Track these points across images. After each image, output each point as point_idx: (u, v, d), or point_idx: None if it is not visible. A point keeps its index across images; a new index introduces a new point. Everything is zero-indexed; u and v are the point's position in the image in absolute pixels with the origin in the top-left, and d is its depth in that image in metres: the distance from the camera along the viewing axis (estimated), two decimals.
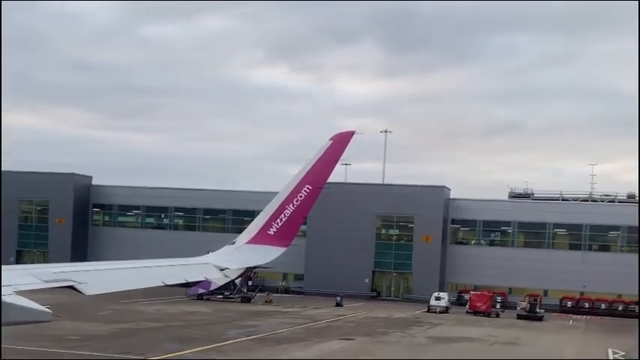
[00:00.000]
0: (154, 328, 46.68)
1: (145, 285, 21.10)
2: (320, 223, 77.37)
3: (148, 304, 62.26)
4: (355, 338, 46.08)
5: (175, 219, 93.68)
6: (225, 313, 58.61)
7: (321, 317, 59.13)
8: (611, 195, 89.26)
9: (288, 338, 44.97)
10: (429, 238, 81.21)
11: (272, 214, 26.07)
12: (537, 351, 44.83)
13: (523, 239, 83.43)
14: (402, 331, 51.50)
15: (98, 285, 19.73)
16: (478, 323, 60.49)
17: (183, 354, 35.80)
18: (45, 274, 16.41)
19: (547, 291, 78.18)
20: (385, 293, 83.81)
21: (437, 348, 43.54)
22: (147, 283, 21.48)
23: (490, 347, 45.75)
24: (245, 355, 36.17)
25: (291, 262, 73.46)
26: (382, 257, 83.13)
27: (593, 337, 54.65)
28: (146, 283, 21.36)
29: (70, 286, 14.58)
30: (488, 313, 68.02)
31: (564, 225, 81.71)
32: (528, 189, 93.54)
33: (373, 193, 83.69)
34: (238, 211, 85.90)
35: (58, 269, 17.47)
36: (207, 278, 35.55)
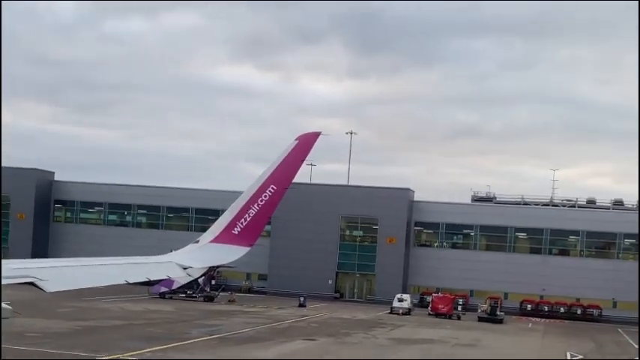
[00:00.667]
0: (116, 326, 46.30)
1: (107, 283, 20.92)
2: (284, 223, 77.43)
3: (110, 302, 61.73)
4: (318, 339, 46.21)
5: (138, 216, 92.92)
6: (187, 312, 58.33)
7: (284, 317, 59.16)
8: (571, 200, 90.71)
9: (251, 338, 44.93)
10: (392, 239, 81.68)
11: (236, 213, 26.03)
12: (497, 353, 45.38)
13: (485, 242, 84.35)
14: (364, 332, 51.77)
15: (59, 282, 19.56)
16: (440, 325, 61.05)
17: (145, 352, 35.58)
18: (5, 270, 16.23)
19: (507, 294, 79.23)
20: (348, 294, 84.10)
21: (399, 349, 43.85)
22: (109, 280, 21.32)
23: (451, 349, 46.22)
24: (208, 355, 36.06)
25: (255, 262, 73.52)
26: (346, 258, 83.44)
27: (551, 340, 55.49)
28: (108, 281, 21.20)
29: (30, 282, 14.47)
30: (449, 315, 68.63)
31: (525, 229, 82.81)
32: (491, 193, 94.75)
33: (338, 194, 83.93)
34: (202, 210, 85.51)
35: (18, 265, 17.31)
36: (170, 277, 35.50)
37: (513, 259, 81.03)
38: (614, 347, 53.73)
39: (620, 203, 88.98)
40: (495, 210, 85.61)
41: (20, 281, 16.21)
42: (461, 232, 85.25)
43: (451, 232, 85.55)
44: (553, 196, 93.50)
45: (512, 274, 79.22)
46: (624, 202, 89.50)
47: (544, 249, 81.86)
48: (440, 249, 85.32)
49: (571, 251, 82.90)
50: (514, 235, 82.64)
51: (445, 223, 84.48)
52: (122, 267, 24.07)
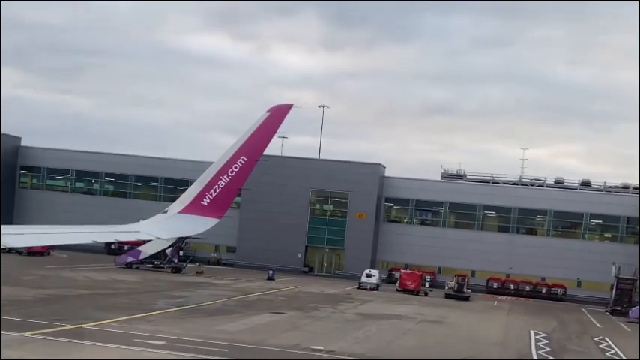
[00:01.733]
0: (81, 295, 45.73)
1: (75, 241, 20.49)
2: (254, 195, 76.89)
3: (75, 271, 61.06)
4: (286, 312, 46.10)
5: (106, 185, 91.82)
6: (154, 283, 57.86)
7: (252, 290, 58.96)
8: (540, 180, 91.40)
9: (218, 310, 44.66)
10: (362, 215, 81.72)
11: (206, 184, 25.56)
12: (462, 330, 45.66)
13: (454, 220, 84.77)
14: (332, 307, 51.78)
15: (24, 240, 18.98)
16: (407, 301, 61.31)
17: (109, 322, 35.13)
18: None
19: (475, 271, 79.90)
20: (317, 268, 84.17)
21: (366, 324, 43.89)
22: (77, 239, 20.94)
23: (417, 325, 46.40)
24: (174, 327, 35.70)
25: (224, 234, 73.15)
26: (315, 232, 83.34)
27: (516, 318, 56.02)
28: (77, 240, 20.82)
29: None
30: (417, 291, 68.96)
31: (494, 207, 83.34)
32: (461, 170, 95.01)
33: (309, 167, 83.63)
34: (171, 180, 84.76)
35: None
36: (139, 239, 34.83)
37: (481, 237, 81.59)
38: (577, 326, 54.38)
39: (588, 184, 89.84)
40: (465, 188, 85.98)
41: None
42: (430, 209, 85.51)
43: (421, 209, 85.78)
44: (522, 176, 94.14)
45: (479, 252, 79.86)
46: (592, 182, 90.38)
47: (512, 228, 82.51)
48: (409, 225, 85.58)
49: (538, 230, 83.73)
50: (483, 213, 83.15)
51: (415, 199, 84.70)
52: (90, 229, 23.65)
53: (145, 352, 28.55)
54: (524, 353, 38.16)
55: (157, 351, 28.93)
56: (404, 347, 36.28)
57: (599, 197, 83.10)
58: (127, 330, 33.47)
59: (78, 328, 32.82)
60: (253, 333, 36.18)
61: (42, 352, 26.92)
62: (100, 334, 31.47)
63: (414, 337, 40.51)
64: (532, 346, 40.76)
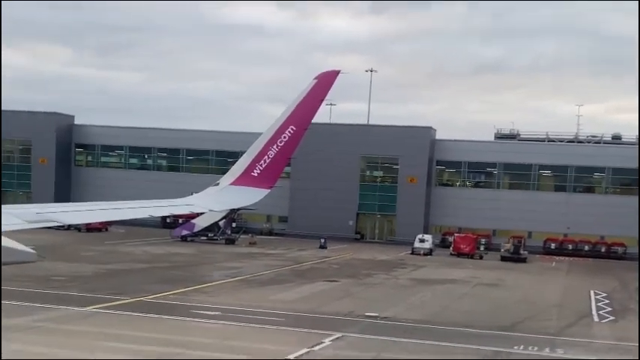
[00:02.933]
0: (139, 269, 46.49)
1: (131, 216, 20.73)
2: (304, 164, 76.95)
3: (132, 246, 62.13)
4: (339, 280, 46.12)
5: (159, 160, 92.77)
6: (209, 255, 58.50)
7: (305, 259, 59.17)
8: (596, 136, 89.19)
9: (272, 280, 44.92)
10: (413, 179, 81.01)
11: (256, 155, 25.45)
12: (519, 292, 45.06)
13: (508, 181, 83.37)
14: (386, 273, 51.63)
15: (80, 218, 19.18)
16: (461, 265, 60.78)
17: (167, 295, 35.62)
18: (28, 214, 15.88)
19: (531, 233, 78.59)
20: (369, 235, 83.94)
21: (420, 290, 43.65)
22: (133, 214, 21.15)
23: (473, 289, 45.95)
24: (229, 297, 36.01)
25: (275, 204, 73.18)
26: (366, 199, 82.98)
27: (575, 279, 55.08)
28: (133, 215, 21.04)
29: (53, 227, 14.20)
30: (471, 255, 68.29)
31: (549, 166, 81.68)
32: (515, 130, 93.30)
33: (358, 133, 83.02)
34: (222, 152, 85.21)
35: (41, 209, 16.97)
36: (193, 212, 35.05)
37: (537, 197, 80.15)
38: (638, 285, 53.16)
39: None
40: (519, 147, 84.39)
41: (44, 225, 15.92)
42: (483, 171, 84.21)
43: (473, 171, 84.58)
44: (578, 133, 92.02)
45: (535, 213, 78.44)
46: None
47: (568, 186, 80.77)
48: (462, 188, 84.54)
49: (596, 188, 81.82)
50: (538, 172, 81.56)
51: (467, 161, 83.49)
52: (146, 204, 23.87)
53: (205, 323, 28.84)
54: (584, 314, 37.47)
55: (214, 321, 29.20)
56: (460, 311, 35.95)
57: None
58: (185, 302, 33.91)
59: (137, 301, 33.38)
60: (307, 301, 36.29)
61: (104, 326, 27.39)
62: (159, 307, 31.93)
63: (469, 301, 40.12)
64: (592, 307, 40.02)
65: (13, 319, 27.30)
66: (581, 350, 27.86)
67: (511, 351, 26.58)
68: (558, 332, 31.49)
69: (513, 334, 30.32)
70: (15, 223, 14.66)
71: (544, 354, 26.51)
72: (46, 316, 28.57)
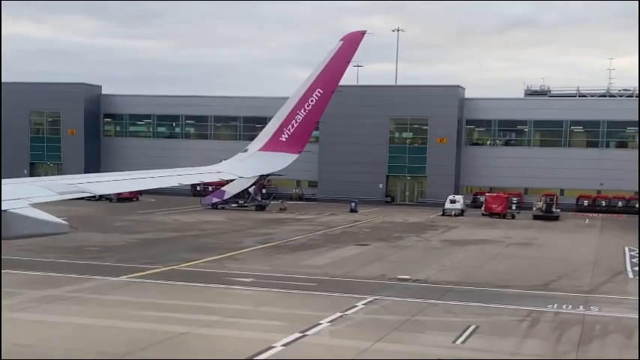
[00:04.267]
0: (171, 238, 46.83)
1: (161, 185, 20.80)
2: (332, 128, 76.70)
3: (164, 215, 62.60)
4: (370, 244, 46.07)
5: (187, 127, 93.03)
6: (240, 222, 58.73)
7: (336, 224, 59.16)
8: (629, 90, 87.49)
9: (303, 245, 44.98)
10: (443, 139, 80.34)
11: (283, 120, 25.20)
12: (552, 251, 44.66)
13: (539, 138, 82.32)
14: (417, 236, 51.46)
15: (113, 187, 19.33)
16: (494, 225, 60.39)
17: (199, 263, 35.84)
18: (59, 185, 15.93)
19: (563, 190, 77.80)
20: (400, 198, 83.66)
21: (452, 251, 43.44)
22: (162, 183, 21.24)
23: (505, 249, 45.63)
24: (262, 264, 36.15)
25: (305, 169, 73.31)
26: (396, 161, 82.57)
27: (609, 236, 54.45)
28: (163, 183, 21.13)
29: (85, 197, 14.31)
30: (504, 214, 67.83)
31: (581, 122, 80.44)
32: (545, 86, 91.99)
33: (386, 95, 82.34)
34: (250, 118, 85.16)
35: (71, 180, 17.01)
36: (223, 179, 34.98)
37: (569, 154, 79.15)
38: None
39: None
40: (549, 104, 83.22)
41: (75, 196, 15.96)
42: (514, 129, 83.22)
43: (504, 129, 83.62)
44: (610, 87, 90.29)
45: (568, 170, 77.56)
46: None
47: (601, 142, 79.59)
48: (492, 147, 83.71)
49: (629, 143, 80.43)
50: (569, 129, 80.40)
51: (497, 120, 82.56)
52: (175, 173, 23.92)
53: (238, 289, 28.98)
54: (618, 271, 37.02)
55: (247, 288, 29.32)
56: (493, 272, 35.72)
57: None
58: (217, 269, 34.09)
59: (170, 269, 33.63)
60: (339, 266, 36.27)
61: (138, 295, 27.64)
62: (192, 275, 32.14)
63: (502, 261, 39.84)
64: (627, 263, 39.55)
65: (48, 290, 27.66)
66: (616, 307, 27.53)
67: (545, 310, 26.35)
68: (592, 290, 31.15)
69: (547, 292, 30.07)
70: (47, 195, 14.71)
71: (578, 312, 26.25)
72: (81, 286, 28.87)
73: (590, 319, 25.31)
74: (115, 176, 19.96)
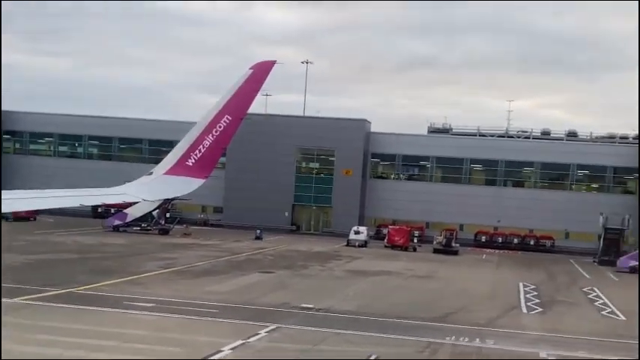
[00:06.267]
0: (71, 260, 45.45)
1: (61, 205, 20.14)
2: (240, 155, 76.56)
3: (63, 236, 60.72)
4: (275, 271, 46.05)
5: (90, 148, 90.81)
6: (142, 246, 57.59)
7: (240, 250, 58.85)
8: (526, 131, 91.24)
9: (207, 271, 44.52)
10: (349, 171, 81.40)
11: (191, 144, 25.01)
12: (451, 284, 45.80)
13: (441, 174, 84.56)
14: (321, 265, 51.78)
15: (11, 206, 18.62)
16: (396, 257, 61.44)
17: (99, 286, 34.92)
18: None
19: (463, 225, 79.96)
20: (305, 227, 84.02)
21: (355, 281, 43.92)
22: (63, 203, 20.56)
23: (406, 280, 46.50)
24: (163, 288, 35.53)
25: (210, 195, 72.60)
26: (302, 191, 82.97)
27: (505, 271, 56.29)
28: (63, 203, 20.46)
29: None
30: (405, 247, 69.07)
31: (481, 160, 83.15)
32: (447, 124, 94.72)
33: (294, 125, 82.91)
34: (156, 141, 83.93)
35: None
36: (126, 201, 34.31)
37: (469, 191, 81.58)
38: (565, 277, 54.76)
39: (574, 134, 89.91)
40: (451, 141, 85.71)
41: None
42: (417, 164, 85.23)
43: (407, 164, 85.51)
44: (509, 128, 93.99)
45: (467, 206, 79.88)
46: (578, 133, 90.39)
47: (499, 180, 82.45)
48: (396, 181, 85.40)
49: (525, 182, 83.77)
50: (470, 166, 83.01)
51: (401, 154, 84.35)
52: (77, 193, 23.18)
53: (138, 314, 28.36)
54: (513, 305, 38.33)
55: (148, 313, 28.74)
56: (394, 303, 36.32)
57: (586, 148, 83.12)
58: (117, 293, 33.30)
59: (68, 292, 32.62)
60: (243, 293, 36.10)
61: (33, 317, 26.66)
62: (90, 298, 31.26)
63: (403, 293, 40.58)
64: (521, 298, 40.98)
65: None
66: (510, 341, 28.49)
67: (443, 342, 26.98)
68: (488, 323, 32.12)
69: (446, 325, 30.82)
70: None
71: (475, 344, 27.02)
72: None
73: (486, 351, 26.10)
74: (12, 194, 19.26)
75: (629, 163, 78.79)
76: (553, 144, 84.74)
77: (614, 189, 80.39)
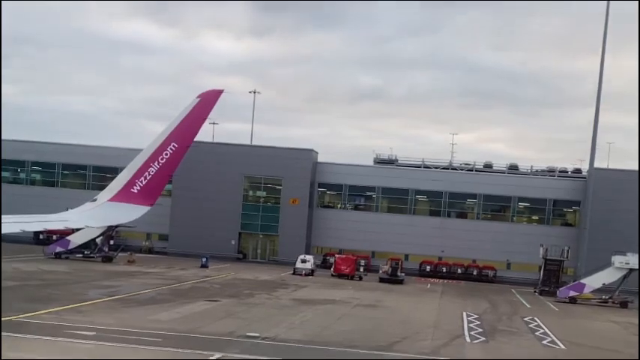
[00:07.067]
0: (10, 287, 44.29)
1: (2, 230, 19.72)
2: (186, 182, 76.17)
3: (3, 262, 59.11)
4: (221, 300, 45.73)
5: (32, 174, 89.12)
6: (85, 273, 56.57)
7: (186, 278, 58.29)
8: (469, 164, 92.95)
9: (151, 299, 43.97)
10: (296, 200, 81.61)
11: (136, 171, 24.83)
12: (397, 313, 46.14)
13: (387, 204, 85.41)
14: (267, 293, 51.60)
15: None
16: (342, 286, 61.59)
17: (40, 314, 34.18)
18: None
19: (408, 255, 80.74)
20: (252, 255, 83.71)
21: (302, 310, 43.90)
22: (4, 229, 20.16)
23: (352, 309, 46.66)
24: (106, 317, 34.95)
25: (156, 222, 71.88)
26: (249, 219, 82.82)
27: (449, 301, 56.92)
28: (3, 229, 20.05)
29: None
30: (351, 276, 69.29)
31: (425, 192, 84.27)
32: (393, 155, 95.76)
33: (241, 153, 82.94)
34: (100, 168, 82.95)
35: None
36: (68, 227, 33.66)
37: (414, 221, 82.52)
38: (507, 306, 55.62)
39: (516, 167, 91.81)
40: (397, 172, 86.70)
41: None
42: (363, 194, 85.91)
43: (354, 194, 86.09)
44: (452, 160, 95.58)
45: (412, 236, 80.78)
46: (519, 166, 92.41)
47: (443, 211, 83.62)
48: (343, 210, 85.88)
49: (468, 214, 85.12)
50: (415, 197, 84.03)
51: (348, 184, 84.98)
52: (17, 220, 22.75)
53: (78, 343, 27.86)
54: (457, 334, 38.79)
55: (89, 342, 28.25)
56: (339, 332, 36.41)
57: (527, 181, 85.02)
58: (58, 321, 32.63)
59: (7, 320, 31.81)
60: (188, 321, 35.75)
61: None
62: (30, 327, 30.58)
63: (349, 322, 40.71)
64: (464, 328, 41.48)
65: None
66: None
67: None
68: (433, 352, 32.45)
69: (391, 353, 31.04)
70: None
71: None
72: None
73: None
74: None
75: (568, 196, 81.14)
76: (495, 176, 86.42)
77: (554, 221, 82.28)
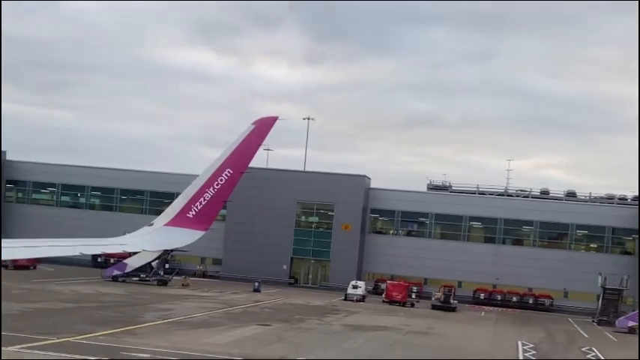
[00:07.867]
0: (68, 309, 45.47)
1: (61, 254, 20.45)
2: (240, 208, 76.87)
3: (61, 284, 60.72)
4: (272, 324, 46.01)
5: (92, 198, 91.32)
6: (140, 296, 57.59)
7: (238, 302, 58.81)
8: (525, 190, 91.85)
9: (204, 322, 44.52)
10: (348, 226, 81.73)
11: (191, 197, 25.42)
12: (449, 341, 45.73)
13: (440, 231, 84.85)
14: (318, 319, 51.71)
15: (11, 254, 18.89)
16: (393, 312, 61.31)
17: (96, 336, 34.96)
18: None
19: (461, 282, 79.93)
20: (303, 280, 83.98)
21: (352, 336, 43.88)
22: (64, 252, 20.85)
23: (404, 336, 46.43)
24: (160, 339, 35.56)
25: (210, 246, 72.75)
26: (301, 244, 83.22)
27: (503, 329, 56.16)
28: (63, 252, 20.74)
29: None
30: (403, 302, 68.93)
31: (480, 218, 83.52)
32: (446, 181, 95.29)
33: (294, 179, 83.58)
34: (157, 193, 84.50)
35: None
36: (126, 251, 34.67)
37: (467, 248, 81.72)
38: (564, 336, 54.60)
39: (573, 195, 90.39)
40: (450, 199, 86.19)
41: None
42: (416, 220, 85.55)
43: (406, 220, 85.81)
44: (508, 187, 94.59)
45: (466, 263, 79.92)
46: (577, 193, 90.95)
47: (498, 238, 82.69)
48: (395, 236, 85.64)
49: (524, 241, 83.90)
50: (469, 224, 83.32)
51: (401, 210, 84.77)
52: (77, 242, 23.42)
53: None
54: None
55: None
56: (391, 358, 36.25)
57: (585, 208, 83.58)
58: (114, 343, 33.33)
59: (65, 341, 32.66)
60: (240, 345, 36.10)
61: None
62: (87, 348, 31.32)
63: (400, 349, 40.52)
64: (520, 357, 40.88)
65: None
66: None
67: None
68: None
69: None
70: None
71: None
72: None
73: None
74: (13, 242, 19.59)
75: (627, 224, 79.17)
76: (552, 203, 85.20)
77: (613, 249, 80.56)
